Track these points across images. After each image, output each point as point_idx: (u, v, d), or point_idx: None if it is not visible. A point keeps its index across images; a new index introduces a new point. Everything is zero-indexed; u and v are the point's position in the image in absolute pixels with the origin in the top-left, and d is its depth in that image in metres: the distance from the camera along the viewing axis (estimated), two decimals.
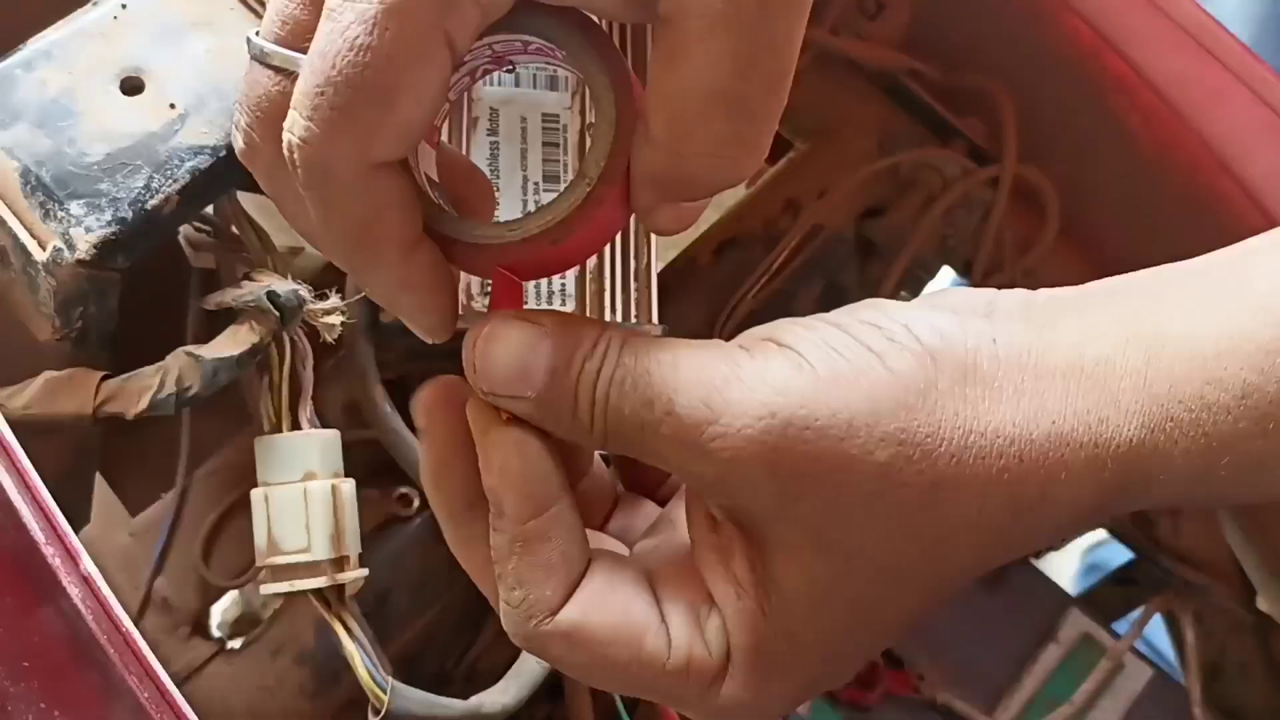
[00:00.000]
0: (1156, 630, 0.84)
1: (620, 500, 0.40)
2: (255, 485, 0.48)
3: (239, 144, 0.35)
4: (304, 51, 0.31)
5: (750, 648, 0.33)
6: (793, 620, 0.33)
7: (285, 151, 0.31)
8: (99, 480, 0.56)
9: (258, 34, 0.33)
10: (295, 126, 0.31)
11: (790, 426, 0.31)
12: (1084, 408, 0.32)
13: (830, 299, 0.73)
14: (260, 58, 0.33)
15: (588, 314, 0.57)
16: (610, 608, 0.34)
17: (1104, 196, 0.72)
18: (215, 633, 0.58)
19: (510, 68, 0.36)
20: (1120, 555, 0.89)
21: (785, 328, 0.33)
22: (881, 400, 0.31)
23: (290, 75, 0.32)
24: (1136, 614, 0.77)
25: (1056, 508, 0.33)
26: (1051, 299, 0.35)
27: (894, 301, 0.34)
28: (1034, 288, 0.36)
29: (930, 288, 0.77)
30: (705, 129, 0.31)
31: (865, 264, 0.73)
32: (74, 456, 0.50)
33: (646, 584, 0.35)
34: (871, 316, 0.33)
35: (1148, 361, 0.32)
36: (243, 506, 0.56)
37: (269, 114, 0.33)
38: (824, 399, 0.31)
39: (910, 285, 0.76)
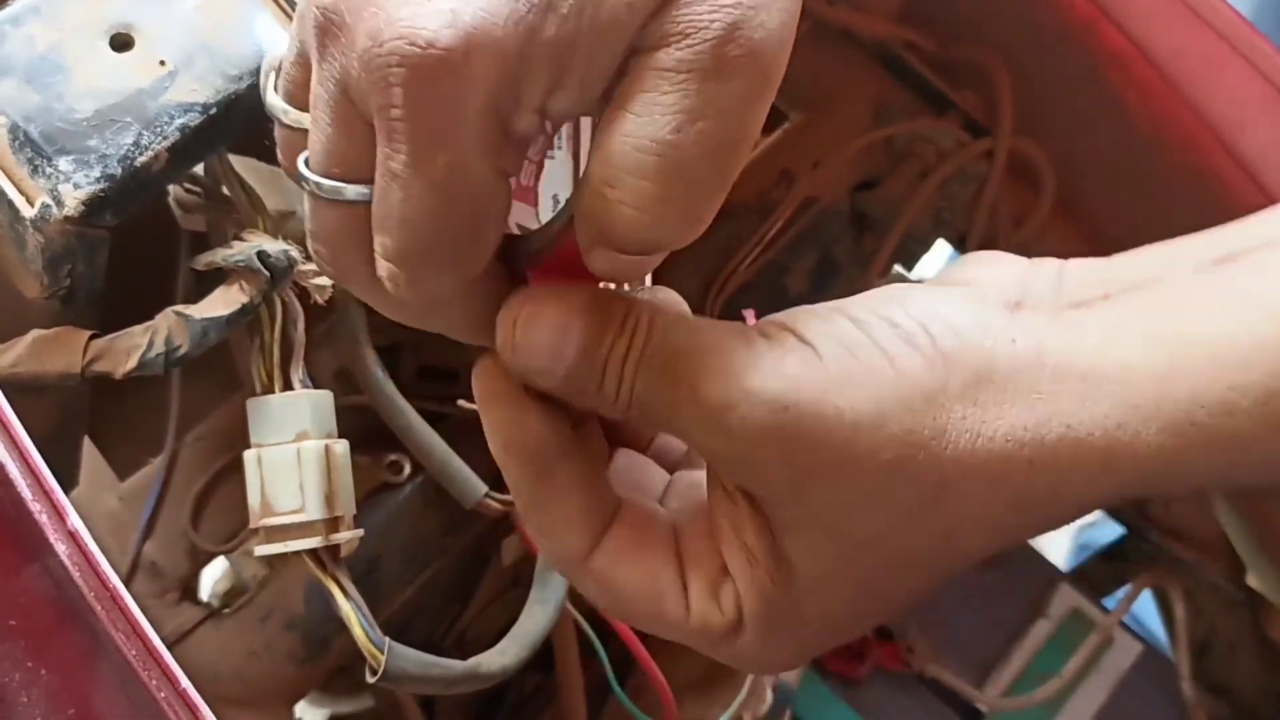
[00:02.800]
0: (1147, 609, 0.85)
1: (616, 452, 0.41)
2: (244, 450, 0.47)
3: (329, 276, 0.37)
4: (349, 181, 0.33)
5: (760, 614, 0.35)
6: (799, 592, 0.34)
7: (395, 297, 0.33)
8: (87, 444, 0.56)
9: (307, 164, 0.34)
10: (398, 281, 0.33)
11: (802, 421, 0.32)
12: (1101, 413, 0.32)
13: (823, 271, 0.72)
14: (319, 194, 0.33)
15: None
16: (636, 566, 0.36)
17: (1099, 170, 0.71)
18: (204, 598, 0.57)
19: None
20: (1111, 534, 0.89)
21: (805, 319, 0.34)
22: (888, 402, 0.32)
23: (343, 202, 0.33)
24: (1126, 590, 0.77)
25: (1066, 505, 0.33)
26: (1082, 285, 0.35)
27: (919, 291, 0.35)
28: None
29: (924, 261, 0.77)
30: (632, 180, 0.31)
31: (859, 236, 0.73)
32: (62, 417, 0.49)
33: (672, 544, 0.36)
34: (890, 312, 0.33)
35: (1170, 365, 0.32)
36: (232, 471, 0.56)
37: (342, 246, 0.34)
38: (833, 398, 0.32)
39: (904, 258, 0.76)
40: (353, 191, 0.33)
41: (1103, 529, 1.10)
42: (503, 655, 0.52)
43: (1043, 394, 0.32)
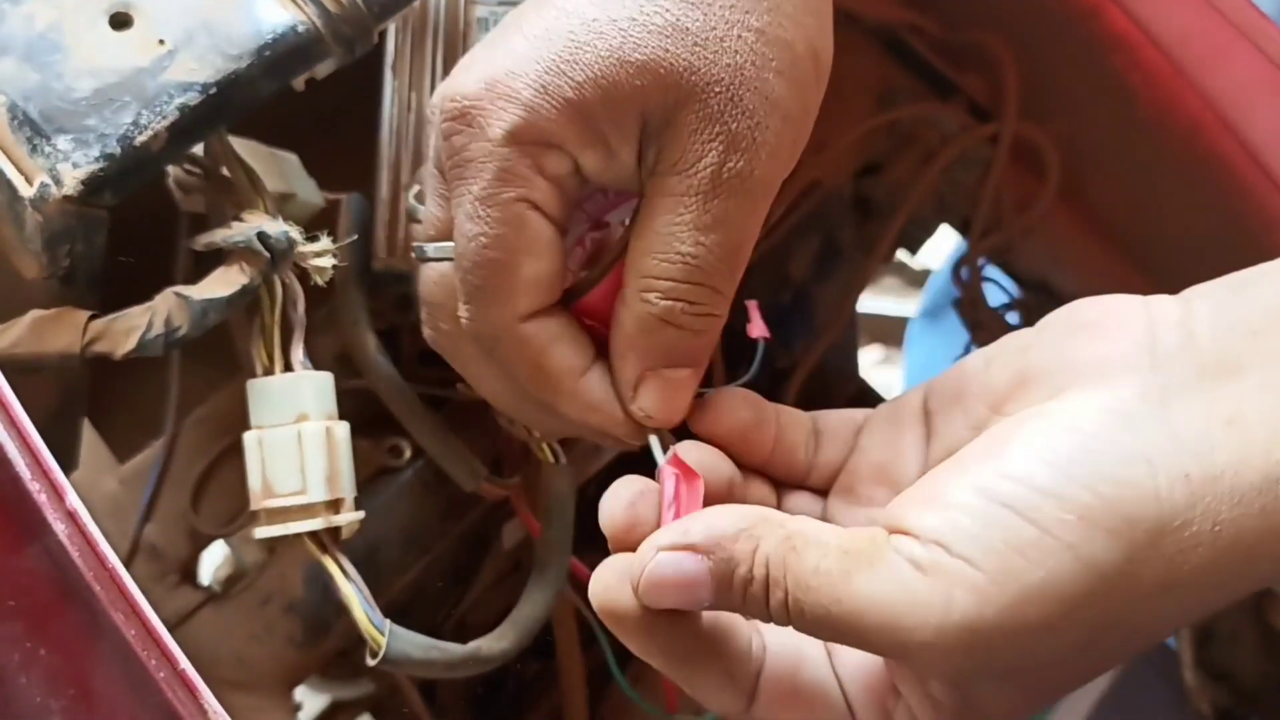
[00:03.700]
0: None
1: None
2: (244, 433, 0.47)
3: (427, 334, 0.44)
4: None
5: None
6: (988, 715, 0.35)
7: (466, 335, 0.40)
8: (87, 427, 0.56)
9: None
10: (462, 312, 0.40)
11: (989, 653, 0.32)
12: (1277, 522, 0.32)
13: (826, 256, 0.72)
14: (421, 257, 0.42)
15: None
16: (797, 705, 0.38)
17: (1104, 155, 0.71)
18: (204, 581, 0.57)
19: (606, 225, 0.43)
20: None
21: (953, 518, 0.33)
22: (1076, 596, 0.32)
23: (447, 262, 0.41)
24: None
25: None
26: (1218, 336, 0.33)
27: (1063, 430, 0.33)
28: (1033, 246, 0.36)
29: (928, 247, 0.77)
30: (666, 285, 0.38)
31: (862, 221, 0.73)
32: (61, 398, 0.49)
33: (832, 679, 0.38)
34: (1050, 482, 0.32)
35: None
36: (232, 454, 0.56)
37: (438, 300, 0.42)
38: (1016, 621, 0.32)
39: (907, 243, 0.76)
40: (432, 249, 0.41)
41: None
42: (502, 639, 0.52)
43: (1223, 521, 0.31)
